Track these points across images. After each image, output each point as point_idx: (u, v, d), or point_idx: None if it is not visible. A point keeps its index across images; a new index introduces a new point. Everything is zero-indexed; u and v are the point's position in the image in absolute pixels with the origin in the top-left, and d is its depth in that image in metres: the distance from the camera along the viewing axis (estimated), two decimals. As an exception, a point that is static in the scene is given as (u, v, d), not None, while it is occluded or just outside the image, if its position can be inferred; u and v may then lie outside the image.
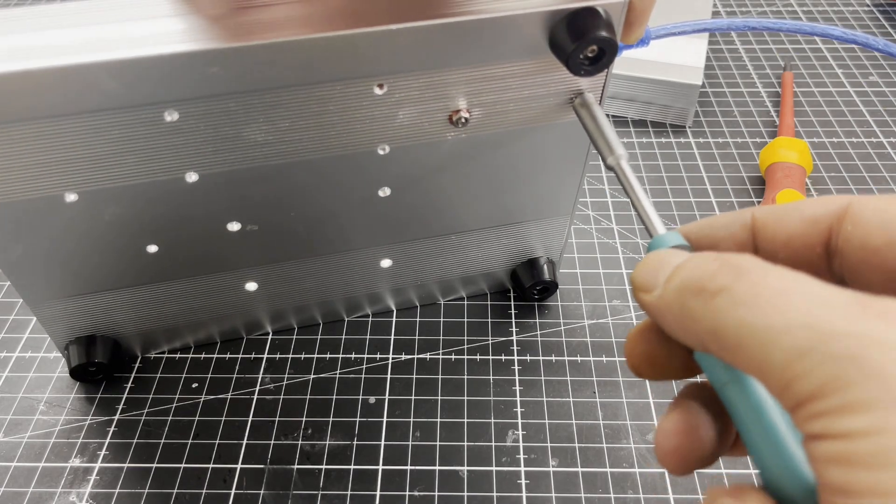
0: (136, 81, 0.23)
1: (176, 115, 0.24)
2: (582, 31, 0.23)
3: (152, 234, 0.29)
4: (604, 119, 0.26)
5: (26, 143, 0.24)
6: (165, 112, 0.24)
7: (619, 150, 0.25)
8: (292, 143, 0.26)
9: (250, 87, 0.24)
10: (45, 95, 0.22)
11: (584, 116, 0.27)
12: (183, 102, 0.24)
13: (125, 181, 0.26)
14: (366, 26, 0.23)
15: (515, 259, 0.36)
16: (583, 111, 0.27)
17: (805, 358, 0.14)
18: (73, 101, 0.23)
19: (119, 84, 0.23)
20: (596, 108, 0.27)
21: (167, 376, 0.34)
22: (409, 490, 0.30)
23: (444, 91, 0.26)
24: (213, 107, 0.24)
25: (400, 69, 0.25)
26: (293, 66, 0.24)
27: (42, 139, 0.24)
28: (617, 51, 0.24)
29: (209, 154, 0.26)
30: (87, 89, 0.22)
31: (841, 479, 0.13)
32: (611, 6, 0.24)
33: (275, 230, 0.30)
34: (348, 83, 0.25)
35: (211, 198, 0.28)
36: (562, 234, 0.35)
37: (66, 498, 0.30)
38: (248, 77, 0.23)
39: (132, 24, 0.23)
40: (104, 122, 0.24)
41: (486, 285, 0.37)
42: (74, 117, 0.23)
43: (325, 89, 0.25)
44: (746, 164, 0.46)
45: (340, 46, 0.23)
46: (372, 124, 0.26)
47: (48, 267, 0.28)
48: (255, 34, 0.23)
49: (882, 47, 0.35)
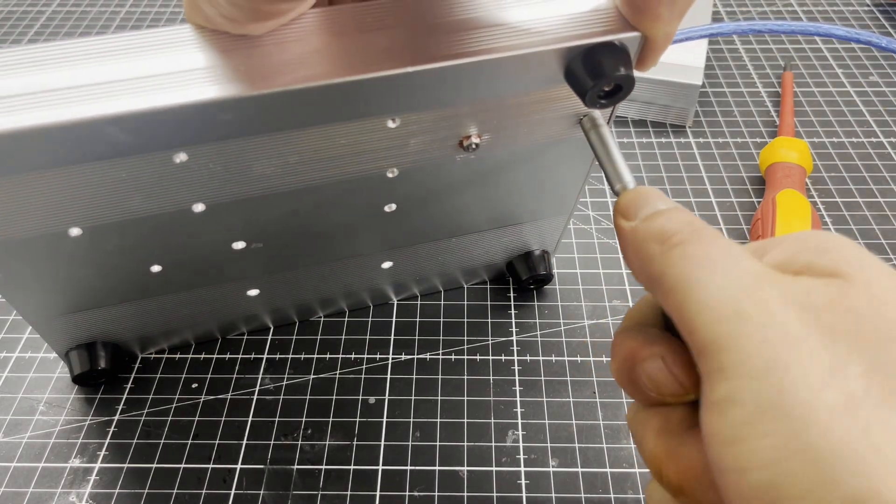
0: (146, 132, 0.22)
1: (185, 157, 0.23)
2: (600, 67, 0.22)
3: (156, 258, 0.28)
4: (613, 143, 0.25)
5: (28, 190, 0.23)
6: (174, 155, 0.23)
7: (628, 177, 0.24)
8: (301, 174, 0.26)
9: (263, 129, 0.23)
10: (48, 149, 0.21)
11: (593, 139, 0.26)
12: (192, 146, 0.23)
13: (130, 216, 0.25)
14: (382, 68, 0.22)
15: (512, 252, 0.36)
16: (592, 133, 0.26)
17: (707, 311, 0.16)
18: (78, 153, 0.22)
19: (128, 135, 0.21)
20: (605, 130, 0.26)
21: (167, 377, 0.34)
22: (408, 490, 0.30)
23: (456, 121, 0.25)
24: (222, 148, 0.23)
25: (415, 107, 0.24)
26: (308, 110, 0.23)
27: (44, 185, 0.23)
28: (633, 85, 0.23)
29: (216, 187, 0.25)
30: (93, 141, 0.21)
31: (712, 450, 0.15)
32: (628, 40, 0.23)
33: (279, 246, 0.30)
34: (362, 121, 0.24)
35: (217, 224, 0.27)
36: (559, 229, 0.36)
37: (65, 498, 0.30)
38: (260, 121, 0.23)
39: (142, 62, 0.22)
40: (110, 168, 0.23)
41: (485, 275, 0.38)
42: (79, 165, 0.22)
43: (339, 127, 0.24)
44: (746, 164, 0.46)
45: (357, 91, 0.22)
46: (382, 153, 0.26)
47: (48, 290, 0.28)
48: (269, 79, 0.21)
49: (885, 45, 0.35)
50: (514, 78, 0.24)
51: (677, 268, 0.17)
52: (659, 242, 0.18)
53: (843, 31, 0.36)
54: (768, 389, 0.14)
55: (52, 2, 0.64)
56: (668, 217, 0.19)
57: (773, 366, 0.15)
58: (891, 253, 0.40)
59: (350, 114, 0.23)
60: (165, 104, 0.21)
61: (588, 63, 0.23)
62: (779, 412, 0.14)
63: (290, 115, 0.23)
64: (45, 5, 0.63)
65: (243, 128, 0.23)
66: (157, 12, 0.63)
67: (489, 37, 0.23)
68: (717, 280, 0.16)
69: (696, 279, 0.17)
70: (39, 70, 0.21)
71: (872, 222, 0.42)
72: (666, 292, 0.18)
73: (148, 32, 0.22)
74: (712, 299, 0.16)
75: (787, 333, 0.15)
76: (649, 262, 0.18)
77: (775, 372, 0.15)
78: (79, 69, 0.21)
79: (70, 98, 0.21)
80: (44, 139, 0.21)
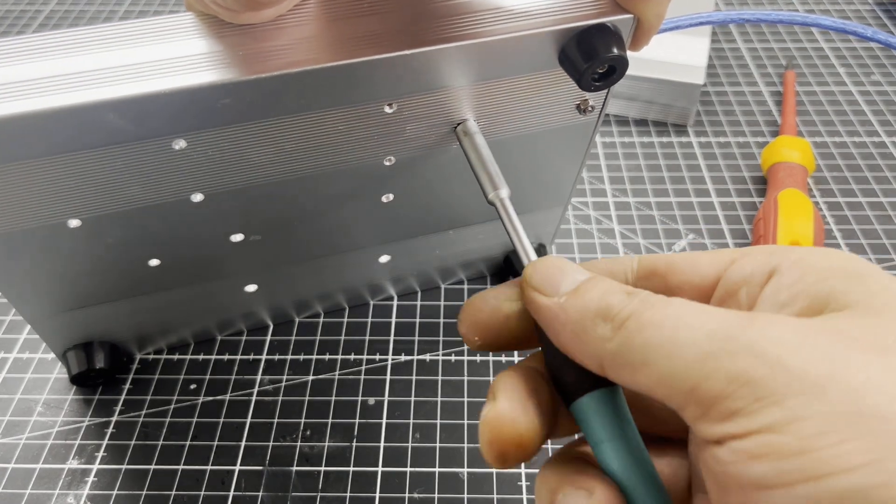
0: (144, 117, 0.22)
1: (183, 144, 0.23)
2: (593, 49, 0.23)
3: (154, 250, 0.28)
4: (487, 151, 0.26)
5: (26, 178, 0.22)
6: (173, 142, 0.23)
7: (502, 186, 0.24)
8: (299, 161, 0.26)
9: (261, 115, 0.23)
10: (47, 135, 0.21)
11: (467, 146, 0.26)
12: (191, 132, 0.23)
13: (129, 206, 0.25)
14: (378, 51, 0.22)
15: (509, 245, 0.36)
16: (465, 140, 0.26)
17: (710, 359, 0.15)
18: (76, 140, 0.22)
19: (127, 121, 0.21)
20: (479, 139, 0.26)
21: (165, 378, 0.34)
22: (408, 492, 0.30)
23: (451, 105, 0.26)
24: (221, 134, 0.23)
25: (411, 90, 0.24)
26: (305, 94, 0.23)
27: (43, 174, 0.23)
28: (627, 67, 0.24)
29: (215, 176, 0.25)
30: (91, 128, 0.21)
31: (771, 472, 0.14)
32: (620, 22, 0.23)
33: (277, 238, 0.30)
34: (359, 106, 0.24)
35: (215, 215, 0.27)
36: (555, 221, 0.36)
37: (63, 499, 0.29)
38: (259, 106, 0.23)
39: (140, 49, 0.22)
40: (109, 155, 0.23)
41: (484, 268, 0.38)
42: (78, 153, 0.22)
43: (336, 112, 0.24)
44: (748, 163, 0.46)
45: (353, 74, 0.23)
46: (379, 140, 0.26)
47: (46, 286, 0.28)
48: (266, 62, 0.22)
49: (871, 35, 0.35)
50: (510, 61, 0.24)
51: (637, 338, 0.16)
52: (604, 320, 0.17)
53: (830, 21, 0.36)
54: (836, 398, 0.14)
55: (49, 0, 0.64)
56: (602, 289, 0.18)
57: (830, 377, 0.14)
58: (893, 253, 0.40)
59: (347, 98, 0.24)
60: (164, 89, 0.21)
61: (582, 45, 0.23)
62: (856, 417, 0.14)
63: (289, 99, 0.23)
64: (44, 4, 0.63)
65: (242, 112, 0.23)
66: (155, 11, 0.63)
67: (484, 20, 0.23)
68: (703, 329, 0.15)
69: (672, 340, 0.16)
70: (38, 58, 0.21)
71: (875, 222, 0.42)
72: (636, 367, 0.16)
73: (147, 20, 0.22)
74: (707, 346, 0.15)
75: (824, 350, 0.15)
76: (601, 345, 0.17)
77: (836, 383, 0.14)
78: (76, 57, 0.21)
79: (68, 84, 0.21)
80: (42, 125, 0.21)
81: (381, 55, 0.22)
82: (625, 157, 0.47)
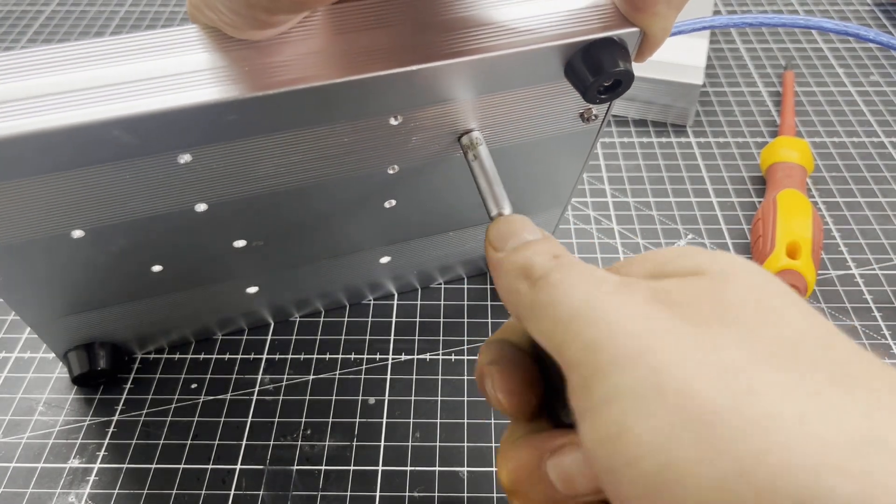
0: (149, 134, 0.21)
1: (188, 158, 0.23)
2: (600, 63, 0.23)
3: (157, 258, 0.28)
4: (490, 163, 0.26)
5: (30, 193, 0.22)
6: (178, 156, 0.23)
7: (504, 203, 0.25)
8: (304, 172, 0.26)
9: (267, 129, 0.23)
10: (52, 153, 0.21)
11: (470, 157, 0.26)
12: (196, 147, 0.23)
13: (132, 216, 0.25)
14: (386, 66, 0.22)
15: None
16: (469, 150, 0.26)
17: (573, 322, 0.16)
18: (82, 156, 0.21)
19: (132, 137, 0.21)
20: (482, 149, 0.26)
21: (166, 377, 0.34)
22: (409, 491, 0.30)
23: (456, 117, 0.25)
24: (226, 148, 0.23)
25: (417, 103, 0.24)
26: (312, 109, 0.23)
27: (47, 189, 0.22)
28: (633, 80, 0.24)
29: (219, 188, 0.25)
30: (97, 145, 0.21)
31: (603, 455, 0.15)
32: (627, 35, 0.23)
33: (279, 243, 0.30)
34: (365, 119, 0.24)
35: (218, 223, 0.27)
36: (554, 220, 0.36)
37: (65, 498, 0.30)
38: (265, 121, 0.23)
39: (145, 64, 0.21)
40: (113, 169, 0.22)
41: (484, 266, 0.38)
42: (84, 168, 0.22)
43: (342, 125, 0.24)
44: (747, 163, 0.46)
45: (360, 89, 0.22)
46: (384, 150, 0.26)
47: (48, 293, 0.28)
48: (273, 78, 0.21)
49: (873, 38, 0.36)
50: (516, 74, 0.24)
51: (542, 298, 0.18)
52: (524, 278, 0.19)
53: (832, 23, 0.36)
54: (644, 376, 0.14)
55: (51, 1, 0.64)
56: (533, 250, 0.19)
57: (642, 353, 0.15)
58: (892, 253, 0.40)
59: (353, 112, 0.23)
60: (170, 106, 0.21)
61: (587, 59, 0.23)
62: (658, 393, 0.14)
63: (295, 115, 0.23)
64: (45, 4, 0.63)
65: (248, 127, 0.23)
66: (156, 11, 0.63)
67: (490, 34, 0.23)
68: (578, 294, 0.17)
69: (559, 301, 0.17)
70: (43, 74, 0.21)
71: (874, 222, 0.42)
72: (535, 322, 0.18)
73: (151, 33, 0.22)
74: (575, 311, 0.16)
75: (652, 325, 0.15)
76: (518, 298, 0.19)
77: (646, 358, 0.15)
78: (82, 72, 0.21)
79: (73, 102, 0.20)
80: (47, 144, 0.20)
81: (388, 71, 0.22)
82: (624, 158, 0.47)
